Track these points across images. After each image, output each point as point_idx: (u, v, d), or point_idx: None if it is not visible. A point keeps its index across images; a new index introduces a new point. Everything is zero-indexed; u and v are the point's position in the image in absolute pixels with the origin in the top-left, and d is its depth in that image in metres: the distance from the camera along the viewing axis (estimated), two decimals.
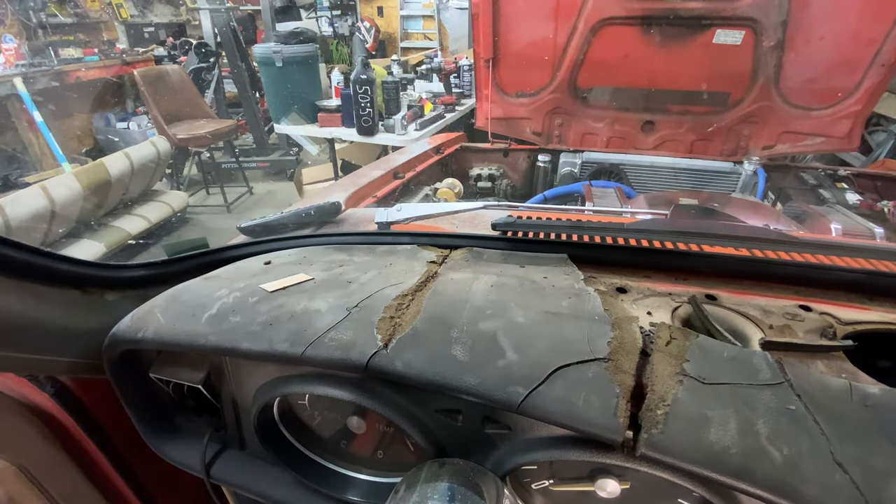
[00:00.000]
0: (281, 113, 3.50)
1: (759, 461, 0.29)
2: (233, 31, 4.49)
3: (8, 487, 0.53)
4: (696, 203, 1.43)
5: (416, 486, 0.37)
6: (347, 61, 6.77)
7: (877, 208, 1.58)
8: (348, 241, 0.64)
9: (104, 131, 4.80)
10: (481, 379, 0.36)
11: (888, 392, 0.34)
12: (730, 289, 0.50)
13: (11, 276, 0.45)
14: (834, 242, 0.62)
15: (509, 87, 1.95)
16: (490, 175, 2.06)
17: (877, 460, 0.29)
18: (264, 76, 3.82)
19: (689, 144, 1.91)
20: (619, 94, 1.88)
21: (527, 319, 0.42)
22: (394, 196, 1.53)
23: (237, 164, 4.43)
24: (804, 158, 2.41)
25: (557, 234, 0.63)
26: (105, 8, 5.27)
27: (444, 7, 6.98)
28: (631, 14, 1.63)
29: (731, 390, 0.34)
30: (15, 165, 4.32)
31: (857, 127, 1.65)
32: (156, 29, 5.73)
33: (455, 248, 0.60)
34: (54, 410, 0.57)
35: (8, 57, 4.05)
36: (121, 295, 0.56)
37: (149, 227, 3.38)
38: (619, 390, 0.34)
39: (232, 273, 0.56)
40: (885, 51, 1.46)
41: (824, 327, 0.43)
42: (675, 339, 0.40)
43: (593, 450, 0.35)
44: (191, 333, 0.44)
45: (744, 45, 1.59)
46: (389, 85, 2.90)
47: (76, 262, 0.51)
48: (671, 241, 0.58)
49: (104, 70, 4.71)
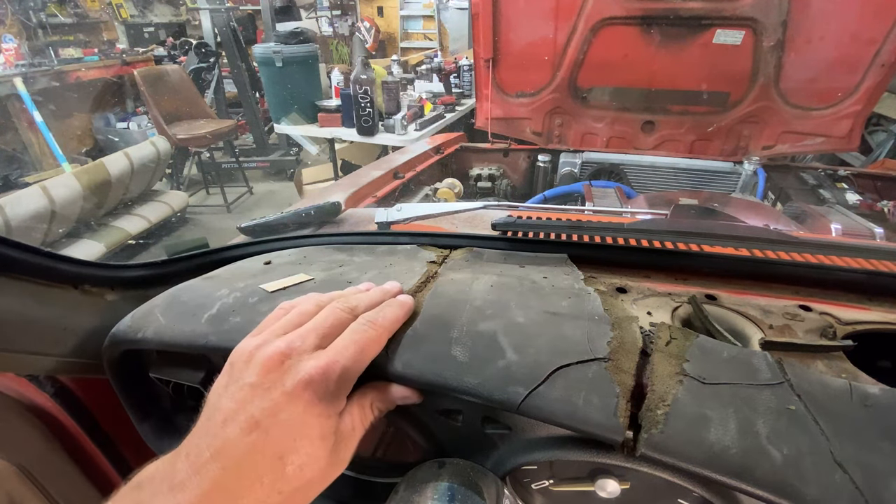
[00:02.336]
0: (281, 113, 3.50)
1: (759, 461, 0.29)
2: (233, 31, 4.49)
3: (8, 487, 0.53)
4: (696, 203, 1.43)
5: (416, 486, 0.37)
6: (347, 61, 6.78)
7: (877, 208, 1.59)
8: (348, 241, 0.64)
9: (104, 131, 4.80)
10: (481, 379, 0.36)
11: (888, 392, 0.34)
12: (730, 289, 0.50)
13: (11, 275, 0.45)
14: (834, 242, 0.62)
15: (509, 87, 1.96)
16: (490, 175, 2.06)
17: (877, 460, 0.29)
18: (264, 76, 3.82)
19: (689, 144, 1.92)
20: (619, 94, 1.88)
21: (527, 319, 0.42)
22: (394, 196, 1.53)
23: (237, 164, 4.43)
24: (804, 158, 2.41)
25: (557, 234, 0.63)
26: (105, 8, 5.27)
27: (444, 7, 6.98)
28: (631, 14, 1.63)
29: (731, 390, 0.34)
30: (15, 165, 4.32)
31: (857, 127, 1.65)
32: (156, 29, 5.73)
33: (455, 248, 0.60)
34: (54, 410, 0.57)
35: (8, 57, 4.05)
36: (121, 295, 0.56)
37: (149, 227, 3.38)
38: (619, 390, 0.34)
39: (232, 273, 0.56)
40: (885, 51, 1.46)
41: (824, 327, 0.43)
42: (675, 339, 0.40)
43: (593, 450, 0.35)
44: (191, 333, 0.44)
45: (744, 45, 1.59)
46: (389, 85, 2.90)
47: (76, 262, 0.51)
48: (671, 241, 0.58)
49: (104, 70, 4.70)
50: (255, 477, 0.30)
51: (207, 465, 0.30)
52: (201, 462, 0.30)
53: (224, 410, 0.32)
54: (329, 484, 0.35)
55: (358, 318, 0.39)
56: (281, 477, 0.31)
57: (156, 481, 0.30)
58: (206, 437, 0.31)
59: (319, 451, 0.33)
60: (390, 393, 0.38)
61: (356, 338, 0.36)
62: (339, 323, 0.38)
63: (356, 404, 0.37)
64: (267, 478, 0.31)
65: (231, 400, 0.33)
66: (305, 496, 0.33)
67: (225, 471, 0.30)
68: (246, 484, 0.30)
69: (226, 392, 0.33)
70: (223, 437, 0.31)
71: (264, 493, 0.30)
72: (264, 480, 0.30)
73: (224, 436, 0.31)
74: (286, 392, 0.32)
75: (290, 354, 0.34)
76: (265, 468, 0.31)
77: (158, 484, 0.30)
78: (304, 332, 0.36)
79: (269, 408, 0.32)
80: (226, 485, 0.30)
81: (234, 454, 0.30)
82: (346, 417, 0.36)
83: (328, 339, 0.36)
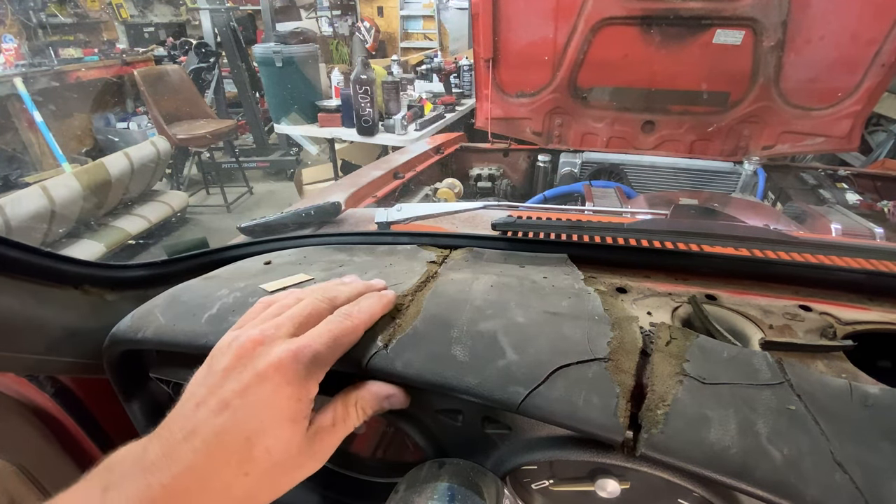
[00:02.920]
0: (281, 113, 3.50)
1: (759, 461, 0.29)
2: (233, 31, 4.49)
3: (8, 487, 0.53)
4: (696, 203, 1.43)
5: (416, 486, 0.37)
6: (347, 61, 6.78)
7: (877, 208, 1.58)
8: (348, 241, 0.64)
9: (104, 131, 4.80)
10: (481, 379, 0.36)
11: (888, 392, 0.34)
12: (730, 289, 0.50)
13: (11, 275, 0.45)
14: (834, 242, 0.62)
15: (509, 87, 1.95)
16: (490, 175, 2.06)
17: (877, 460, 0.29)
18: (264, 76, 3.82)
19: (689, 144, 1.91)
20: (619, 94, 1.88)
21: (527, 319, 0.42)
22: (394, 196, 1.53)
23: (237, 164, 4.42)
24: (804, 158, 2.41)
25: (557, 234, 0.63)
26: (105, 8, 5.27)
27: (444, 7, 6.98)
28: (631, 14, 1.63)
29: (731, 390, 0.34)
30: (15, 165, 4.32)
31: (857, 127, 1.65)
32: (156, 29, 5.73)
33: (455, 248, 0.60)
34: (54, 410, 0.57)
35: (8, 57, 4.05)
36: (121, 295, 0.56)
37: (149, 227, 3.38)
38: (619, 390, 0.34)
39: (232, 273, 0.56)
40: (885, 51, 1.46)
41: (824, 327, 0.43)
42: (675, 339, 0.40)
43: (593, 450, 0.35)
44: (191, 333, 0.44)
45: (744, 45, 1.59)
46: (389, 85, 2.90)
47: (76, 262, 0.51)
48: (671, 241, 0.58)
49: (104, 70, 4.70)
50: (223, 458, 0.30)
51: (178, 446, 0.30)
52: (172, 444, 0.30)
53: (197, 396, 0.33)
54: (305, 477, 0.35)
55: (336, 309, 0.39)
56: (248, 458, 0.31)
57: (127, 463, 0.31)
58: (179, 420, 0.32)
59: (288, 434, 0.33)
60: (375, 394, 0.38)
61: (331, 327, 0.37)
62: (316, 313, 0.38)
63: (339, 401, 0.37)
64: (234, 458, 0.31)
65: (204, 386, 0.33)
66: (274, 482, 0.33)
67: (195, 452, 0.30)
68: (215, 466, 0.30)
69: (203, 381, 0.34)
70: (195, 419, 0.31)
71: (232, 474, 0.31)
72: (231, 461, 0.31)
73: (195, 418, 0.31)
74: (257, 373, 0.33)
75: (263, 341, 0.34)
76: (233, 449, 0.31)
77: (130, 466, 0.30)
78: (280, 321, 0.36)
79: (239, 389, 0.32)
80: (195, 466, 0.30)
81: (204, 435, 0.31)
82: (328, 412, 0.36)
83: (304, 328, 0.37)
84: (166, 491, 0.29)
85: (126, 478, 0.30)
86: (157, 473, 0.29)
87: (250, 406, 0.32)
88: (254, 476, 0.31)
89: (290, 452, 0.33)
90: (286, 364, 0.33)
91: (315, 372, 0.35)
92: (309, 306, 0.38)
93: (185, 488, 0.29)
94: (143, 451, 0.31)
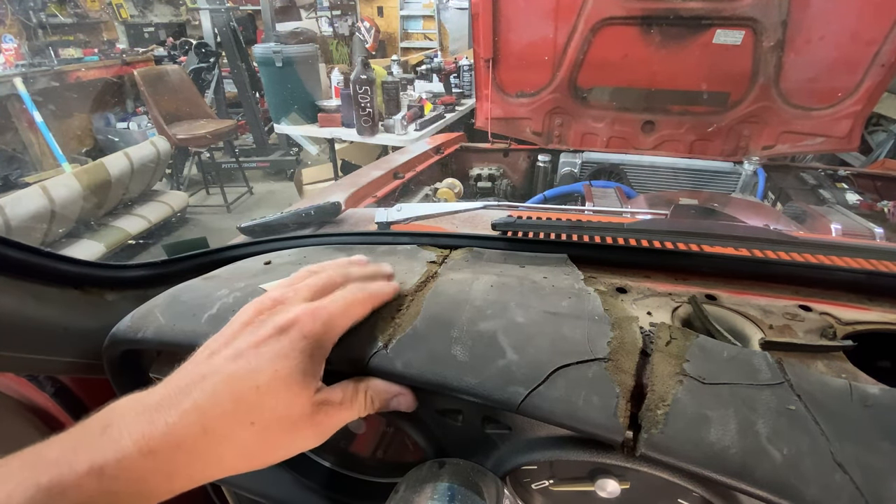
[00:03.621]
0: (281, 113, 3.50)
1: (759, 461, 0.29)
2: (233, 31, 4.49)
3: None
4: (696, 203, 1.43)
5: (416, 486, 0.37)
6: (347, 61, 6.78)
7: (877, 208, 1.58)
8: (348, 241, 0.64)
9: (104, 131, 4.80)
10: (481, 379, 0.36)
11: (888, 392, 0.34)
12: (730, 289, 0.50)
13: (11, 275, 0.45)
14: (834, 242, 0.62)
15: (509, 87, 1.95)
16: (490, 175, 2.06)
17: (877, 460, 0.29)
18: (264, 76, 3.82)
19: (689, 144, 1.91)
20: (619, 94, 1.88)
21: (527, 319, 0.42)
22: (394, 196, 1.53)
23: (237, 164, 4.42)
24: (804, 158, 2.41)
25: (557, 234, 0.63)
26: (105, 8, 5.27)
27: (444, 7, 6.98)
28: (631, 14, 1.63)
29: (731, 390, 0.34)
30: (15, 165, 4.32)
31: (857, 127, 1.65)
32: (156, 29, 5.73)
33: (455, 248, 0.60)
34: (54, 410, 0.57)
35: (8, 57, 4.05)
36: (121, 295, 0.56)
37: (149, 227, 3.38)
38: (619, 390, 0.34)
39: (232, 273, 0.56)
40: (885, 51, 1.46)
41: (824, 327, 0.43)
42: (675, 339, 0.40)
43: (593, 450, 0.35)
44: (191, 333, 0.44)
45: (744, 45, 1.59)
46: (389, 85, 2.90)
47: (76, 262, 0.51)
48: (671, 241, 0.58)
49: (104, 70, 4.71)
50: (231, 403, 0.30)
51: (186, 389, 0.30)
52: (181, 387, 0.31)
53: (211, 347, 0.34)
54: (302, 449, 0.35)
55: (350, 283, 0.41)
56: (256, 406, 0.31)
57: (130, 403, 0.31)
58: (190, 367, 0.32)
59: (297, 390, 0.33)
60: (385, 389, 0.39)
61: (345, 294, 0.39)
62: (331, 283, 0.40)
63: (351, 383, 0.37)
64: (242, 405, 0.31)
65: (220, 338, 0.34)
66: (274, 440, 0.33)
67: (203, 393, 0.30)
68: (223, 409, 0.30)
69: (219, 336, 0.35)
70: (207, 366, 0.32)
71: (237, 421, 0.31)
72: (240, 408, 0.31)
73: (208, 365, 0.32)
74: (275, 326, 0.34)
75: (284, 300, 0.37)
76: (243, 395, 0.31)
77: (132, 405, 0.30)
78: (298, 287, 0.39)
79: (254, 341, 0.33)
80: (203, 407, 0.30)
81: (214, 380, 0.31)
82: (337, 389, 0.36)
83: (319, 296, 0.38)
84: (169, 429, 0.29)
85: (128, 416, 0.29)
86: (161, 412, 0.29)
87: (263, 356, 0.32)
88: (258, 427, 0.31)
89: (294, 410, 0.33)
90: (303, 320, 0.34)
91: (329, 333, 0.36)
92: (326, 277, 0.41)
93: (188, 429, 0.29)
94: (148, 394, 0.31)
